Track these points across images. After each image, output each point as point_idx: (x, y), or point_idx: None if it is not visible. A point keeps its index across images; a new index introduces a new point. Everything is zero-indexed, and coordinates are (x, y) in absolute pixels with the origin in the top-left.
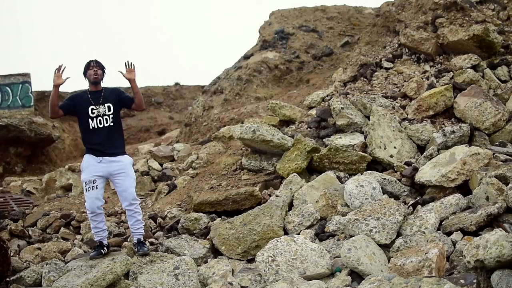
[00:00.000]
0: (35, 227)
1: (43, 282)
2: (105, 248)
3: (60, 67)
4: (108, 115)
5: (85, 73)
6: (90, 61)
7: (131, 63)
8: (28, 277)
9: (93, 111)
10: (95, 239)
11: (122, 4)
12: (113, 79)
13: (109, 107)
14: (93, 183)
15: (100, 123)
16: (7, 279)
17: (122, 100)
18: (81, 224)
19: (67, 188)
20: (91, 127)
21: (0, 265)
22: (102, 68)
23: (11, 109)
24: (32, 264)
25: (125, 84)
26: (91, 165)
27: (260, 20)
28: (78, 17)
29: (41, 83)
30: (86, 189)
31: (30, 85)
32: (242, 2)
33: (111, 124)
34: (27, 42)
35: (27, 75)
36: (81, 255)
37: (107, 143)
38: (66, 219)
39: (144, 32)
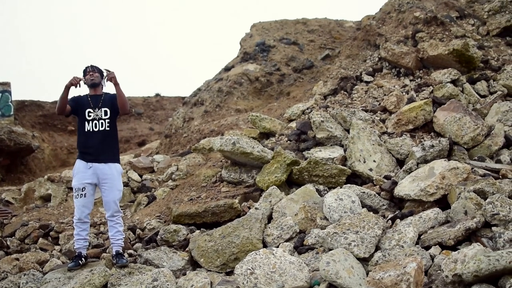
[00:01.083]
0: (13, 237)
1: None
2: (83, 259)
3: (78, 78)
4: (104, 119)
5: (85, 81)
6: (87, 67)
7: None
8: (6, 287)
9: (90, 114)
10: (74, 247)
11: (103, 15)
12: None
13: (105, 111)
14: (82, 191)
15: (96, 127)
16: None
17: (114, 104)
18: (59, 234)
19: (46, 199)
20: (86, 130)
21: None
22: (99, 71)
23: None
24: (10, 275)
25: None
26: (81, 172)
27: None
28: (59, 28)
29: (21, 92)
30: (74, 196)
31: (10, 94)
32: (224, 14)
33: (107, 128)
34: (7, 52)
35: (7, 84)
36: (60, 266)
37: (100, 148)
38: (45, 229)
39: (125, 43)
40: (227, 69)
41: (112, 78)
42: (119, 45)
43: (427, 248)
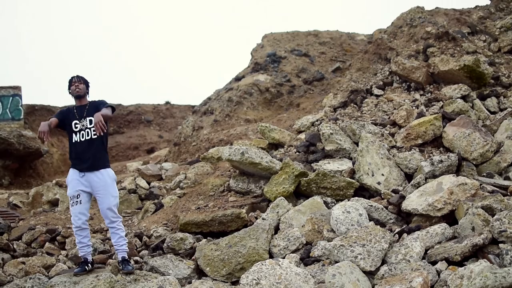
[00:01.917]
0: (20, 241)
1: None
2: (89, 264)
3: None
4: (90, 128)
5: (69, 90)
6: (72, 77)
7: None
8: None
9: (76, 125)
10: (79, 255)
11: (115, 22)
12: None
13: (91, 120)
14: (77, 198)
15: (82, 137)
16: None
17: (98, 110)
18: (66, 239)
19: (54, 203)
20: (73, 141)
21: None
22: (85, 82)
23: (1, 122)
24: (16, 278)
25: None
26: (74, 180)
27: (253, 43)
28: (70, 33)
29: (32, 96)
30: (70, 204)
31: (21, 98)
32: (236, 24)
33: (93, 137)
34: (19, 56)
35: (18, 88)
36: (65, 271)
37: (89, 156)
38: (52, 234)
39: (137, 50)
40: (237, 79)
41: (99, 125)
42: (131, 52)
43: (434, 263)
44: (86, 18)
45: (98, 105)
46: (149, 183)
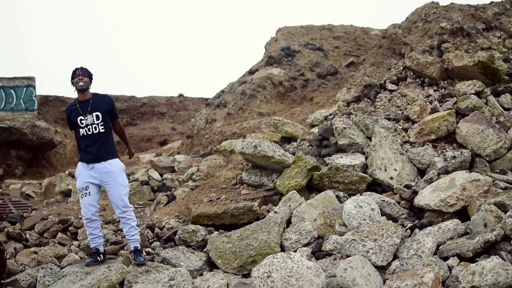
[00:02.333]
0: (32, 230)
1: (37, 286)
2: (101, 255)
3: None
4: (97, 124)
5: (72, 82)
6: (76, 69)
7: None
8: (23, 280)
9: (82, 121)
10: (91, 246)
11: (128, 14)
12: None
13: (97, 116)
14: (86, 190)
15: (90, 131)
16: (2, 281)
17: (111, 114)
18: (78, 230)
19: (66, 194)
20: (80, 134)
21: None
22: (89, 75)
23: (14, 112)
24: (28, 268)
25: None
26: (83, 172)
27: (267, 36)
28: (84, 25)
29: (45, 87)
30: (80, 196)
31: (34, 89)
32: (250, 17)
33: (101, 131)
34: (33, 47)
35: (31, 78)
36: (77, 261)
37: (97, 149)
38: (64, 224)
39: (151, 42)
40: (251, 72)
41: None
42: (145, 44)
43: (445, 259)
44: (101, 8)
45: (107, 105)
46: (161, 175)
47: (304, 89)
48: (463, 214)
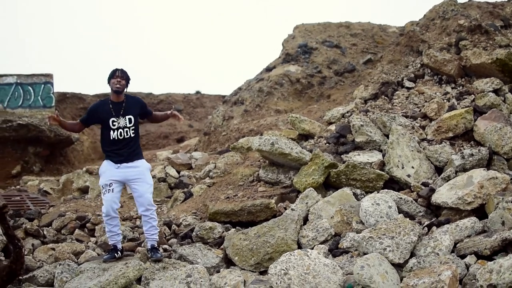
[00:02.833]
0: (50, 227)
1: (55, 283)
2: (118, 252)
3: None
4: (129, 127)
5: (108, 81)
6: (116, 70)
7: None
8: (41, 276)
9: (114, 123)
10: (109, 243)
11: (146, 11)
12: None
13: (130, 119)
14: (109, 187)
15: (121, 135)
16: (20, 277)
17: (144, 112)
18: (96, 226)
19: (84, 190)
20: (111, 138)
21: (13, 263)
22: (126, 78)
23: (32, 109)
24: (45, 264)
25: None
26: (109, 170)
27: (284, 33)
28: (102, 22)
29: (63, 84)
30: (102, 192)
31: (52, 86)
32: (267, 15)
33: (132, 135)
34: (51, 43)
35: (49, 75)
36: (95, 258)
37: (126, 152)
38: (81, 221)
39: (168, 39)
40: (268, 69)
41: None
42: (162, 41)
43: (463, 257)
44: (117, 5)
45: (139, 107)
46: (178, 172)
47: (321, 86)
48: (480, 212)
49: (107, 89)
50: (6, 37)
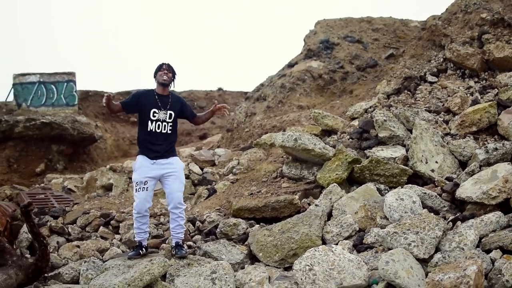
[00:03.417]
0: (74, 224)
1: (80, 280)
2: (143, 249)
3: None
4: (168, 123)
5: (155, 75)
6: (163, 64)
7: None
8: (66, 274)
9: (155, 114)
10: (135, 239)
11: (168, 9)
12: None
13: (171, 115)
14: (144, 185)
15: (158, 128)
16: (46, 275)
17: (184, 112)
18: (120, 224)
19: (108, 188)
20: (148, 129)
21: (39, 261)
22: (173, 73)
23: (55, 107)
24: (71, 261)
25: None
26: (144, 166)
27: (306, 29)
28: (126, 19)
29: (86, 82)
30: (136, 189)
31: (75, 84)
32: (288, 11)
33: (169, 131)
34: (73, 42)
35: (72, 74)
36: (119, 255)
37: (162, 147)
38: (106, 218)
39: (190, 36)
40: (290, 65)
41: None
42: (184, 38)
43: (488, 251)
44: (139, 3)
45: (185, 107)
46: (202, 169)
47: (344, 81)
48: (505, 207)
49: (130, 87)
50: (29, 36)
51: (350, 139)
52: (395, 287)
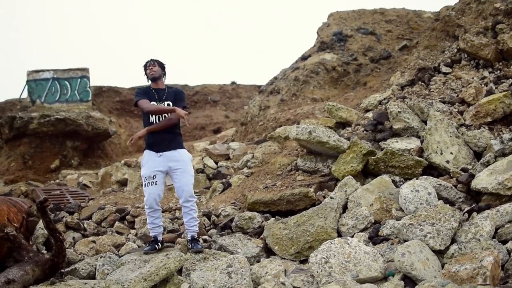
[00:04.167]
0: (90, 220)
1: (97, 275)
2: (159, 243)
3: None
4: (168, 113)
5: (145, 74)
6: (147, 62)
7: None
8: (82, 269)
9: None
10: (150, 234)
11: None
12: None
13: (168, 105)
14: (153, 179)
15: (159, 119)
16: (62, 270)
17: (176, 99)
18: (135, 219)
19: (123, 183)
20: (150, 121)
21: (55, 257)
22: (160, 65)
23: (69, 103)
24: (87, 257)
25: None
26: (151, 160)
27: (319, 22)
28: (138, 14)
29: (99, 78)
30: (145, 184)
31: (89, 80)
32: (301, 3)
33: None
34: (86, 38)
35: (85, 70)
36: (135, 250)
37: (166, 138)
38: (121, 213)
39: (203, 30)
40: (303, 58)
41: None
42: (197, 33)
43: (504, 242)
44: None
45: (178, 96)
46: (216, 163)
47: (357, 73)
48: None
49: (143, 82)
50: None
51: (365, 131)
52: (411, 279)
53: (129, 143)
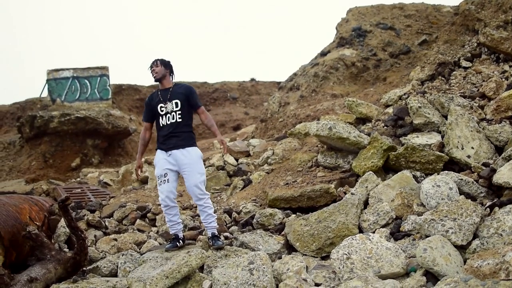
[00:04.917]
0: (111, 218)
1: (118, 273)
2: (180, 241)
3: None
4: (176, 111)
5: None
6: (151, 63)
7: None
8: (104, 267)
9: (162, 108)
10: (170, 232)
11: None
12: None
13: (176, 103)
14: (164, 177)
15: (169, 120)
16: (84, 268)
17: (190, 101)
18: (156, 216)
19: (143, 181)
20: (161, 125)
21: (77, 255)
22: (162, 64)
23: (89, 102)
24: (108, 255)
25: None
26: (162, 159)
27: (338, 17)
28: (157, 13)
29: (119, 76)
30: (158, 183)
31: (108, 78)
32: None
33: (179, 120)
34: (106, 36)
35: (105, 68)
36: (157, 247)
37: (175, 136)
38: (142, 211)
39: (222, 28)
40: (323, 54)
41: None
42: (216, 30)
43: None
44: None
45: (189, 96)
46: (237, 160)
47: (377, 69)
48: None
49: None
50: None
51: (385, 127)
52: (434, 274)
53: (137, 177)
